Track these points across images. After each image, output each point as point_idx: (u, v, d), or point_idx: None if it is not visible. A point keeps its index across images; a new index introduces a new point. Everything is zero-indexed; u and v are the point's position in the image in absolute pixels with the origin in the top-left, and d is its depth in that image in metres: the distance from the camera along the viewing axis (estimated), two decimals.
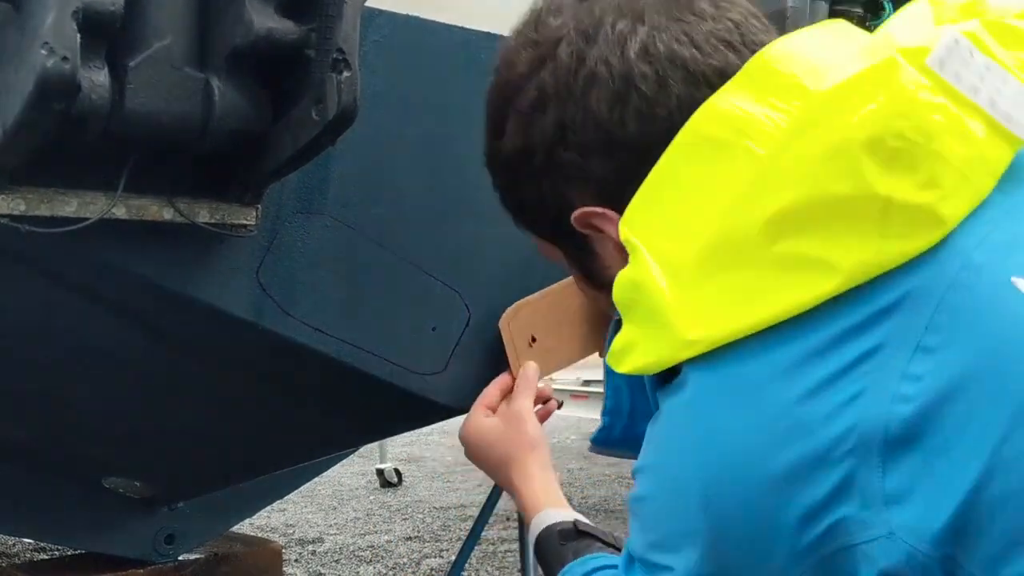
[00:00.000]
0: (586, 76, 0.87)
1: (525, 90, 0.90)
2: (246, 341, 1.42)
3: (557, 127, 0.88)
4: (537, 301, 1.58)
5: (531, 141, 0.90)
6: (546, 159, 0.90)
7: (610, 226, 0.89)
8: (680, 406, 0.80)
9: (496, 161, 0.96)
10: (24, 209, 1.11)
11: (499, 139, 0.93)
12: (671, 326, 0.78)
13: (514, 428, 1.48)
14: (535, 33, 0.91)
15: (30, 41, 0.97)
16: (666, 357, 0.79)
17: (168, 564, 2.21)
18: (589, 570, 1.22)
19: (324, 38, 1.12)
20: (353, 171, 1.42)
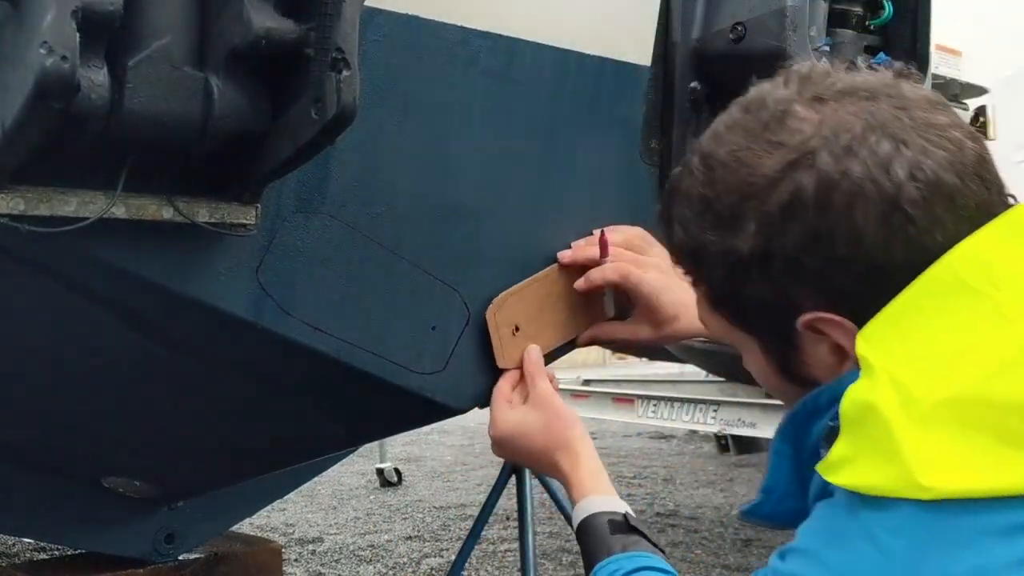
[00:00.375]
0: (851, 191, 0.87)
1: (775, 193, 0.90)
2: (245, 340, 1.42)
3: (810, 236, 0.89)
4: (521, 290, 1.60)
5: (775, 245, 0.90)
6: (787, 263, 0.90)
7: (836, 332, 0.91)
8: (885, 528, 0.81)
9: (722, 257, 0.95)
10: (23, 208, 1.11)
11: (731, 236, 0.93)
12: (905, 464, 0.79)
13: (548, 412, 1.47)
14: (775, 135, 0.92)
15: (29, 40, 0.97)
16: (893, 489, 0.80)
17: (168, 564, 2.21)
18: (639, 567, 1.23)
19: (323, 37, 1.12)
20: (353, 170, 1.42)
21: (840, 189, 0.88)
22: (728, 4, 1.72)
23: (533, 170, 1.63)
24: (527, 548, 3.01)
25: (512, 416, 1.50)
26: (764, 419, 6.26)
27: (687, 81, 1.76)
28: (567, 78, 1.64)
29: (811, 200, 0.88)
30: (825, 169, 0.88)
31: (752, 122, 0.95)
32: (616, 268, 1.62)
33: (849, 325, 0.90)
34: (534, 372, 1.55)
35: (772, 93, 0.96)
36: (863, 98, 0.92)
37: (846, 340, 0.91)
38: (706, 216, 0.96)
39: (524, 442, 1.47)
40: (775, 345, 0.99)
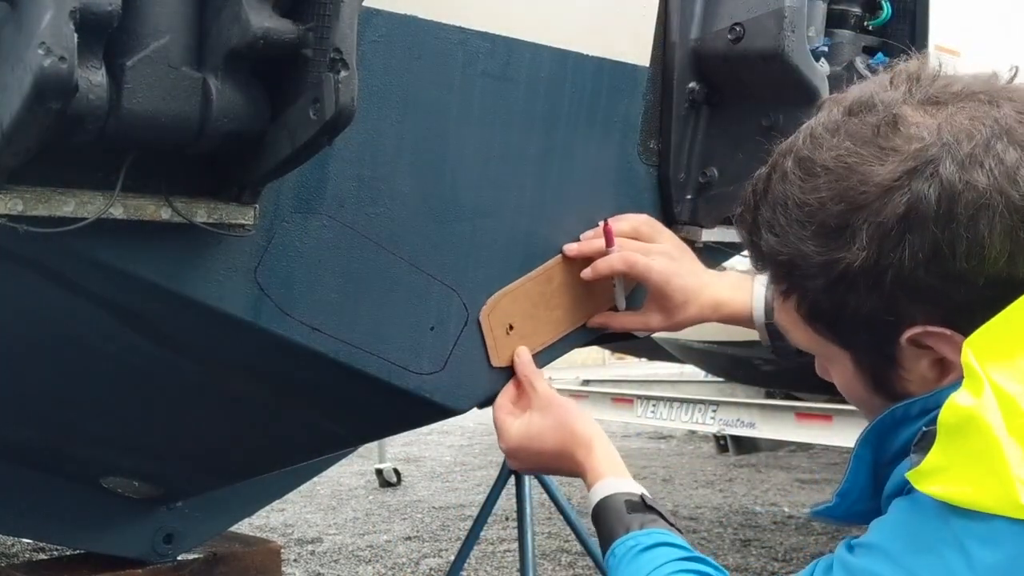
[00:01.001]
0: (976, 203, 0.83)
1: (890, 203, 0.85)
2: (244, 341, 1.42)
3: (930, 249, 0.85)
4: (515, 289, 1.61)
5: (889, 258, 0.86)
6: (899, 277, 0.86)
7: (945, 347, 0.87)
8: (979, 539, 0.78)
9: (826, 268, 0.90)
10: (22, 209, 1.11)
11: (839, 247, 0.88)
12: (1004, 482, 0.77)
13: (553, 410, 1.48)
14: (888, 141, 0.87)
15: (27, 41, 0.97)
16: (988, 506, 0.78)
17: (167, 564, 2.21)
18: (657, 542, 1.22)
19: (321, 38, 1.11)
20: (351, 170, 1.42)
21: (964, 200, 0.84)
22: (726, 5, 1.72)
23: (531, 170, 1.63)
24: (526, 548, 3.01)
25: (519, 424, 1.50)
26: (763, 419, 6.26)
27: (685, 81, 1.76)
28: (565, 78, 1.64)
29: (931, 211, 0.84)
30: (948, 179, 0.84)
31: (859, 126, 0.90)
32: (622, 257, 1.62)
33: (959, 339, 0.86)
34: (530, 375, 1.56)
35: (879, 94, 0.91)
36: (983, 102, 0.88)
37: (954, 354, 0.87)
38: (807, 225, 0.91)
39: (537, 445, 1.46)
40: (871, 359, 0.95)
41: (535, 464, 1.52)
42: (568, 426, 1.44)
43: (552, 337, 1.68)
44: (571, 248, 1.66)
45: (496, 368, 1.61)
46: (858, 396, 1.01)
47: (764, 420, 6.21)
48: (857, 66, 1.85)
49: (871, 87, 0.93)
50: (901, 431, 0.92)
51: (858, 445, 0.96)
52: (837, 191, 0.89)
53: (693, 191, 1.80)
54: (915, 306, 0.88)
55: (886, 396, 0.96)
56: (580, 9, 1.66)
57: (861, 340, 0.94)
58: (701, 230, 1.81)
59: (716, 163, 1.78)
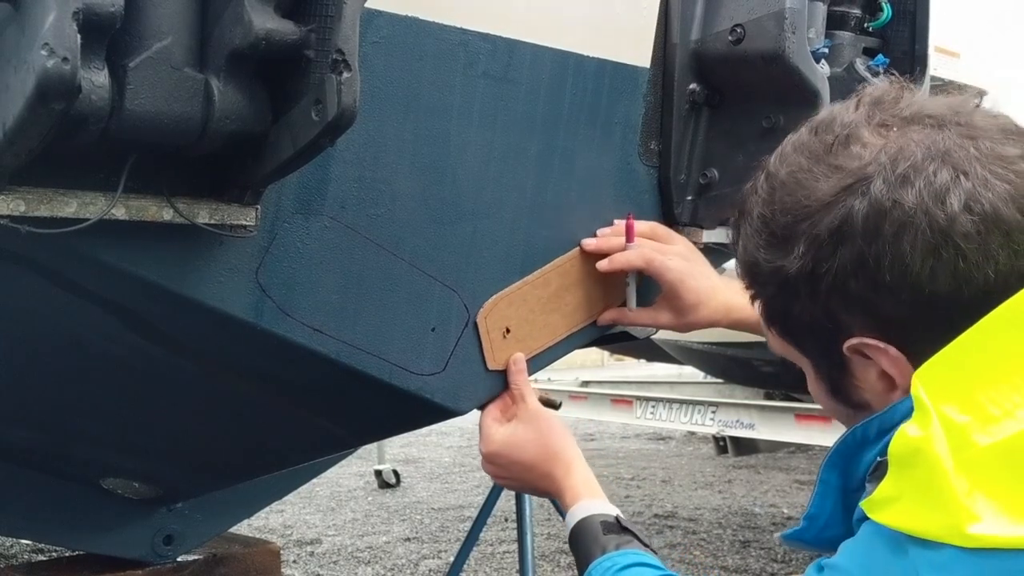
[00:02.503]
0: (900, 221, 0.87)
1: (825, 217, 0.90)
2: (245, 342, 1.42)
3: (857, 261, 0.89)
4: (512, 293, 1.61)
5: (823, 267, 0.91)
6: (834, 287, 0.90)
7: (883, 359, 0.91)
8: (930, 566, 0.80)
9: (773, 275, 0.96)
10: (24, 210, 1.11)
11: (782, 256, 0.94)
12: (951, 512, 0.78)
13: (539, 424, 1.51)
14: (836, 159, 0.91)
15: (30, 41, 0.97)
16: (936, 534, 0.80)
17: (166, 565, 2.21)
18: (632, 563, 1.27)
19: (323, 39, 1.12)
20: (352, 172, 1.42)
21: (890, 217, 0.87)
22: (727, 6, 1.72)
23: (532, 171, 1.63)
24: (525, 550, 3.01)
25: (503, 430, 1.54)
26: (762, 420, 6.26)
27: (686, 83, 1.76)
28: (566, 80, 1.64)
29: (859, 226, 0.88)
30: (877, 196, 0.88)
31: (817, 144, 0.95)
32: (641, 253, 1.65)
33: (894, 352, 0.90)
34: (521, 386, 1.58)
35: (841, 115, 0.96)
36: (929, 125, 0.91)
37: (892, 368, 0.91)
38: (762, 235, 0.96)
39: (516, 454, 1.50)
40: (826, 366, 0.99)
41: (509, 473, 1.54)
42: (549, 443, 1.48)
43: (548, 341, 1.68)
44: (589, 243, 1.69)
45: (490, 370, 1.61)
46: (824, 402, 1.04)
47: (763, 421, 6.22)
48: (857, 68, 1.85)
49: (838, 108, 0.98)
50: (863, 454, 0.94)
51: (822, 469, 0.98)
52: (787, 204, 0.94)
53: (693, 192, 1.80)
54: (851, 316, 0.92)
55: (845, 404, 1.00)
56: (581, 10, 1.66)
57: (813, 347, 0.99)
58: (701, 231, 1.81)
59: (716, 164, 1.78)
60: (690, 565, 5.22)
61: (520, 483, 1.55)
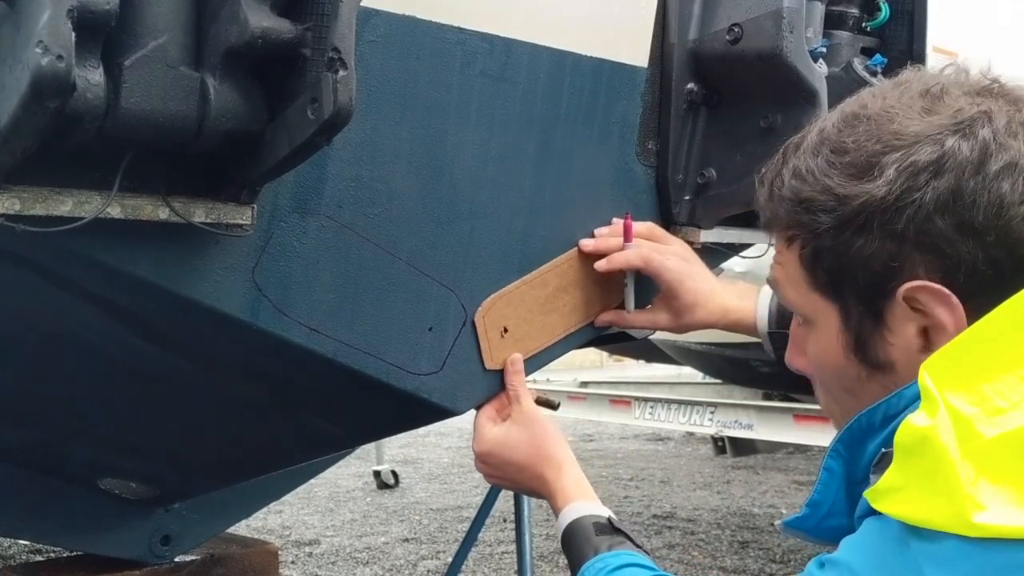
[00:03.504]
0: (1007, 162, 0.86)
1: (923, 146, 0.88)
2: (241, 341, 1.42)
3: (952, 193, 0.86)
4: (510, 293, 1.61)
5: (911, 197, 0.88)
6: (915, 220, 0.88)
7: (940, 310, 0.88)
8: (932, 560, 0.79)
9: (842, 203, 0.92)
10: (19, 208, 1.11)
11: (862, 180, 0.90)
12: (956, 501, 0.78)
13: (533, 426, 1.51)
14: (932, 106, 0.90)
15: (25, 39, 0.97)
16: (940, 524, 0.79)
17: (164, 565, 2.21)
18: (625, 563, 1.27)
19: (320, 37, 1.11)
20: (349, 171, 1.42)
21: (997, 157, 0.87)
22: (724, 6, 1.72)
23: (530, 171, 1.63)
24: (524, 550, 3.01)
25: (497, 430, 1.54)
26: (760, 421, 6.26)
27: (684, 82, 1.76)
28: (564, 79, 1.64)
29: (964, 160, 0.87)
30: (985, 137, 0.87)
31: (906, 91, 0.93)
32: (639, 253, 1.65)
33: (956, 302, 0.88)
34: (517, 387, 1.58)
35: (925, 74, 0.95)
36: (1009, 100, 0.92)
37: (951, 319, 0.88)
38: (836, 163, 0.93)
39: (508, 454, 1.50)
40: (859, 316, 0.95)
41: (501, 473, 1.55)
42: (542, 444, 1.49)
43: (546, 341, 1.68)
44: (587, 244, 1.69)
45: (488, 370, 1.61)
46: (833, 365, 1.00)
47: (762, 422, 6.22)
48: (855, 67, 1.85)
49: (915, 72, 0.98)
50: (868, 441, 0.93)
51: (827, 457, 0.97)
52: (875, 134, 0.91)
53: (691, 192, 1.80)
54: (921, 256, 0.89)
55: (865, 363, 0.96)
56: (579, 10, 1.66)
57: (857, 292, 0.94)
58: (699, 231, 1.81)
59: (714, 164, 1.78)
60: (688, 566, 5.22)
61: (512, 483, 1.55)
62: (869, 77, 1.85)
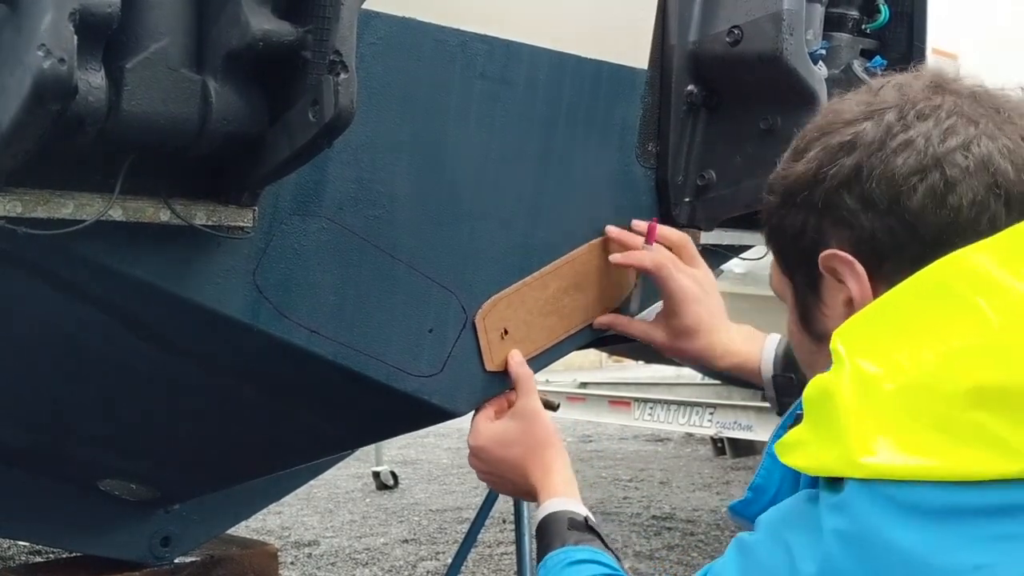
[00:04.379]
0: (903, 141, 0.94)
1: (842, 131, 0.98)
2: (242, 343, 1.42)
3: (854, 169, 0.95)
4: (511, 295, 1.61)
5: (824, 172, 0.97)
6: (828, 193, 0.97)
7: (851, 279, 0.96)
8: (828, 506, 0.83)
9: (781, 179, 1.03)
10: (21, 211, 1.11)
11: (796, 161, 1.01)
12: (846, 444, 0.82)
13: (530, 424, 1.51)
14: (874, 97, 0.99)
15: (26, 42, 0.97)
16: (831, 468, 0.84)
17: (164, 567, 2.21)
18: (585, 559, 1.30)
19: (321, 40, 1.12)
20: (349, 173, 1.42)
21: (895, 139, 0.94)
22: (724, 8, 1.72)
23: (530, 173, 1.63)
24: (523, 551, 3.01)
25: (494, 426, 1.55)
26: (760, 422, 6.26)
27: (683, 84, 1.76)
28: (564, 81, 1.64)
29: (871, 140, 0.95)
30: (890, 120, 0.95)
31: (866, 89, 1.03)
32: (653, 258, 1.65)
33: (860, 270, 0.95)
34: (525, 388, 1.58)
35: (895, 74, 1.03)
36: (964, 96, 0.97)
37: (856, 286, 0.95)
38: (790, 150, 1.04)
39: (502, 451, 1.51)
40: (803, 289, 1.04)
41: (493, 468, 1.55)
42: (536, 442, 1.50)
43: (546, 343, 1.68)
44: (612, 230, 1.70)
45: (488, 371, 1.61)
46: (794, 337, 1.08)
47: (761, 422, 6.22)
48: (855, 69, 1.85)
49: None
50: None
51: (771, 441, 1.01)
52: (819, 124, 1.02)
53: (691, 194, 1.80)
54: (834, 229, 0.97)
55: (810, 335, 1.04)
56: (579, 12, 1.66)
57: (796, 264, 1.03)
58: (699, 232, 1.81)
59: (714, 166, 1.78)
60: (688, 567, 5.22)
61: (501, 480, 1.55)
62: (868, 79, 1.85)
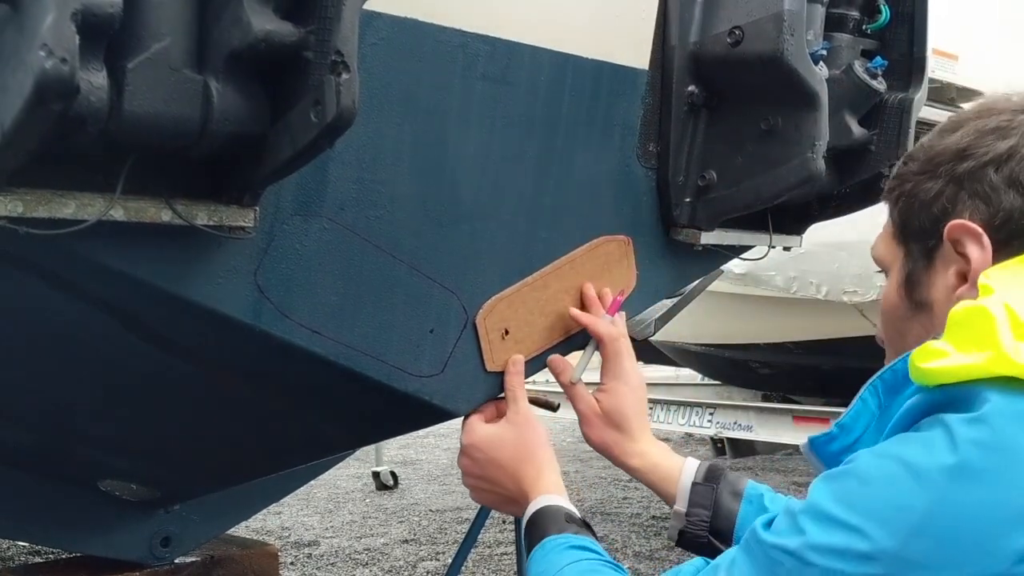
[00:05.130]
0: None
1: (1000, 116, 1.06)
2: (243, 343, 1.42)
3: (1008, 151, 1.03)
4: (511, 295, 1.61)
5: (975, 149, 1.05)
6: (974, 169, 1.04)
7: (975, 249, 1.02)
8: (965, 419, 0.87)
9: (925, 150, 1.10)
10: (22, 211, 1.11)
11: (945, 136, 1.08)
12: (1000, 347, 0.87)
13: (524, 429, 1.52)
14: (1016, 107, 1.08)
15: (28, 42, 0.97)
16: (982, 369, 0.88)
17: (164, 567, 2.21)
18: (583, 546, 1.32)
19: (322, 40, 1.11)
20: (351, 173, 1.42)
21: None
22: (725, 8, 1.72)
23: (531, 173, 1.63)
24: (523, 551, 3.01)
25: (487, 428, 1.56)
26: (760, 422, 6.26)
27: (684, 85, 1.76)
28: (565, 81, 1.64)
29: (1020, 129, 1.03)
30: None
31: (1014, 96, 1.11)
32: (607, 327, 1.65)
33: (987, 242, 1.00)
34: (516, 389, 1.58)
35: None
36: None
37: (979, 257, 1.00)
38: (937, 130, 1.11)
39: (493, 453, 1.52)
40: (916, 255, 1.09)
41: (482, 470, 1.55)
42: (528, 447, 1.51)
43: (546, 343, 1.68)
44: (589, 290, 1.69)
45: (489, 371, 1.61)
46: (890, 304, 1.13)
47: (761, 423, 6.22)
48: (856, 70, 1.85)
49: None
50: (904, 389, 0.98)
51: (864, 389, 1.04)
52: (974, 108, 1.10)
53: (692, 194, 1.80)
54: (968, 200, 1.03)
55: (911, 300, 1.09)
56: (580, 12, 1.66)
57: (918, 230, 1.09)
58: (700, 233, 1.81)
59: (715, 166, 1.78)
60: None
61: (488, 482, 1.55)
62: (869, 80, 1.85)
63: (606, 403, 1.62)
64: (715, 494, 1.50)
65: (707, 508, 1.49)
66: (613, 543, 5.55)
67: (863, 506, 0.87)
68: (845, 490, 0.89)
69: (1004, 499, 0.83)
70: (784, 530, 0.91)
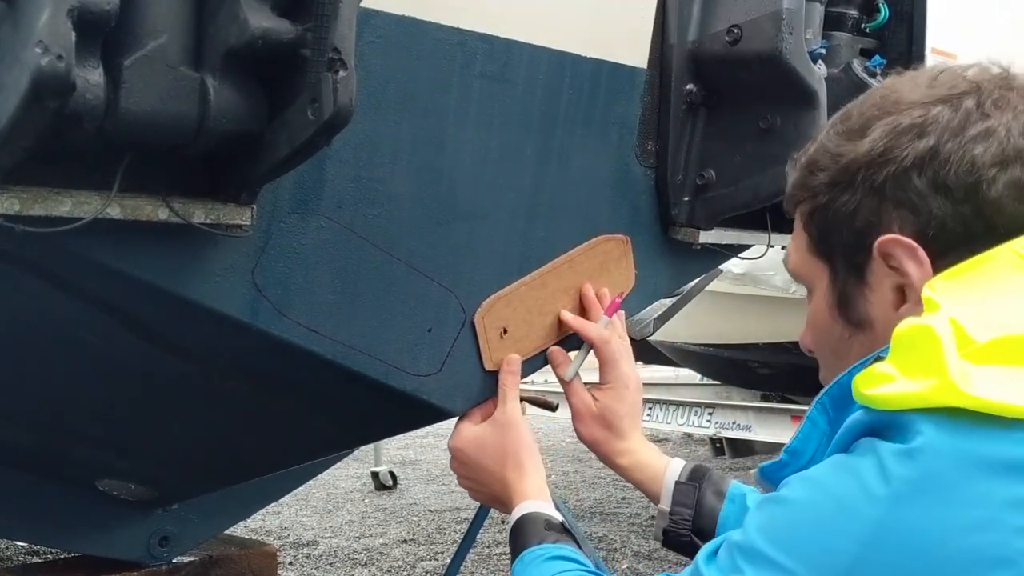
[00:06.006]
0: (983, 129, 0.92)
1: (912, 111, 0.95)
2: (241, 342, 1.42)
3: (929, 154, 0.93)
4: (510, 294, 1.61)
5: (893, 152, 0.95)
6: (895, 176, 0.94)
7: (910, 264, 0.94)
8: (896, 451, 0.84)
9: (833, 157, 0.99)
10: (18, 209, 1.11)
11: (854, 140, 0.98)
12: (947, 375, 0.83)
13: (509, 432, 1.53)
14: (940, 78, 0.97)
15: (24, 39, 0.96)
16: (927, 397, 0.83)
17: (162, 567, 2.21)
18: (562, 555, 1.32)
19: (320, 38, 1.11)
20: (348, 171, 1.42)
21: (976, 126, 0.92)
22: (724, 7, 1.72)
23: (529, 172, 1.63)
24: None
25: (474, 430, 1.56)
26: (759, 422, 6.26)
27: (683, 83, 1.76)
28: (563, 80, 1.64)
29: (946, 125, 0.93)
30: (969, 106, 0.93)
31: (920, 73, 1.01)
32: (600, 331, 1.64)
33: (923, 257, 0.93)
34: (507, 389, 1.58)
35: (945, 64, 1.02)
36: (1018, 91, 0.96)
37: (917, 273, 0.93)
38: (838, 126, 1.00)
39: (479, 455, 1.53)
40: (844, 273, 1.01)
41: (468, 472, 1.56)
42: (514, 450, 1.51)
43: (545, 342, 1.68)
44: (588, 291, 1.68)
45: (487, 370, 1.61)
46: (822, 326, 1.06)
47: (760, 423, 6.22)
48: (854, 68, 1.85)
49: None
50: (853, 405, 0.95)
51: (812, 409, 1.01)
52: (877, 103, 0.99)
53: (690, 193, 1.80)
54: (897, 212, 0.95)
55: (846, 320, 1.02)
56: (578, 11, 1.66)
57: (842, 247, 1.01)
58: (699, 232, 1.81)
59: (713, 165, 1.78)
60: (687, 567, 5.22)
61: (477, 484, 1.56)
62: (868, 78, 1.85)
63: (600, 402, 1.62)
64: (698, 493, 1.51)
65: (690, 507, 1.50)
66: (612, 543, 5.55)
67: (795, 547, 0.86)
68: (776, 525, 0.89)
69: (936, 540, 0.81)
70: (725, 567, 0.91)
